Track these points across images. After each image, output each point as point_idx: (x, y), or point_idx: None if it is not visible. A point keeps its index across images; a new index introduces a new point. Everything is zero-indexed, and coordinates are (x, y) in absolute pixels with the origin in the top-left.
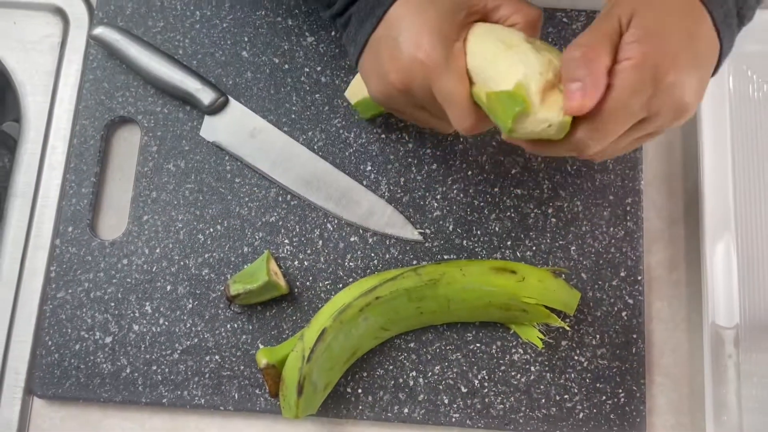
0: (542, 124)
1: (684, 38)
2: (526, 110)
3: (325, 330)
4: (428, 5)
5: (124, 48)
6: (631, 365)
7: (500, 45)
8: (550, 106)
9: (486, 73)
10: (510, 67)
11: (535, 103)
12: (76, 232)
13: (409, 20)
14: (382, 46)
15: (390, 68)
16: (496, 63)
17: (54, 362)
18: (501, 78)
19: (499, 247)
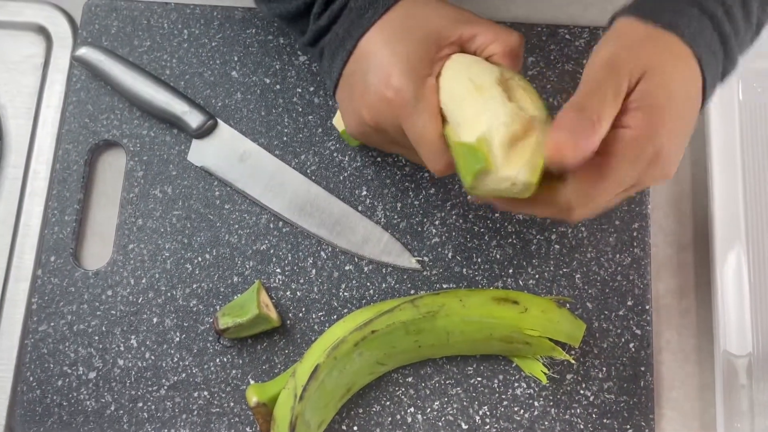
0: (504, 183)
1: (681, 107)
2: (487, 168)
3: (318, 366)
4: (398, 38)
5: (108, 69)
6: (640, 399)
7: (470, 85)
8: (513, 163)
9: (454, 115)
10: (475, 117)
11: (498, 161)
12: (58, 261)
13: (379, 55)
14: (353, 81)
15: (361, 105)
16: (462, 107)
17: (36, 399)
18: (466, 126)
19: (500, 276)
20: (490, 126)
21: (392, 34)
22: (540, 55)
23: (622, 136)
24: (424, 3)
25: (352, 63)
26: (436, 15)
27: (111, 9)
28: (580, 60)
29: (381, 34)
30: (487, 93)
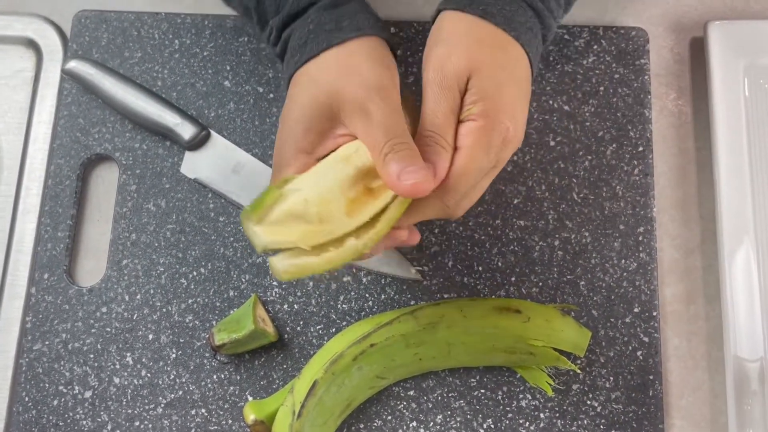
0: (252, 236)
1: (512, 89)
2: (250, 214)
3: (317, 382)
4: (303, 97)
5: (99, 82)
6: (648, 409)
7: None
8: (269, 231)
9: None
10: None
11: (265, 217)
12: (52, 279)
13: (287, 105)
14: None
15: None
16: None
17: (31, 419)
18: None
19: (502, 284)
20: (301, 189)
21: (300, 90)
22: None
23: (469, 129)
24: (344, 67)
25: (286, 99)
26: (342, 90)
27: (101, 20)
28: (579, 60)
29: (297, 84)
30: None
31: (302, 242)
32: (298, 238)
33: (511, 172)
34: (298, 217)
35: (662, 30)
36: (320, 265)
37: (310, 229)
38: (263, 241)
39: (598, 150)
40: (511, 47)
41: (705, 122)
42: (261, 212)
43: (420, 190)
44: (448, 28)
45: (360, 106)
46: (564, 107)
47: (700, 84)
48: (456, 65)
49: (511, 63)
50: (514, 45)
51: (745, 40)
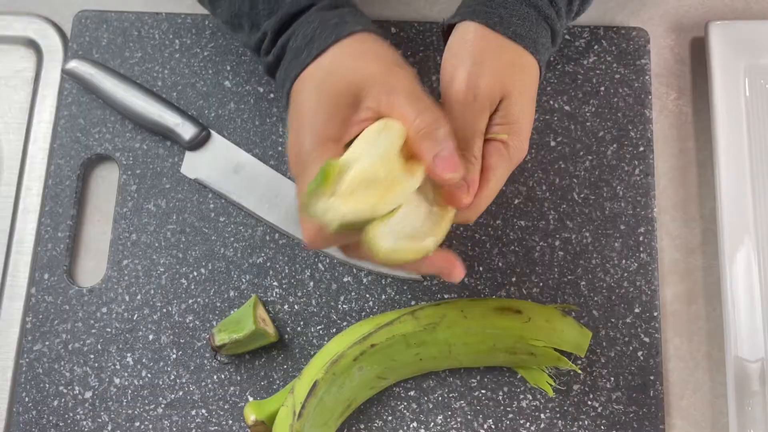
0: (330, 214)
1: (532, 108)
2: (322, 189)
3: (317, 383)
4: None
5: (99, 82)
6: (649, 409)
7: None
8: (352, 200)
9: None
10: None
11: (339, 189)
12: (52, 279)
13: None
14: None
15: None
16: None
17: (32, 420)
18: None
19: (503, 284)
20: (359, 158)
21: (315, 84)
22: None
23: (496, 150)
24: (358, 52)
25: (291, 103)
26: (361, 71)
27: (101, 20)
28: (580, 61)
29: (308, 80)
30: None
31: (378, 204)
32: (375, 200)
33: (512, 172)
34: (369, 181)
35: (663, 30)
36: (416, 253)
37: (383, 192)
38: (341, 213)
39: (598, 150)
40: (533, 70)
41: (706, 122)
42: (330, 185)
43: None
44: (478, 45)
45: (384, 81)
46: (565, 107)
47: (700, 84)
48: (490, 87)
49: (533, 85)
50: (536, 67)
51: (745, 40)
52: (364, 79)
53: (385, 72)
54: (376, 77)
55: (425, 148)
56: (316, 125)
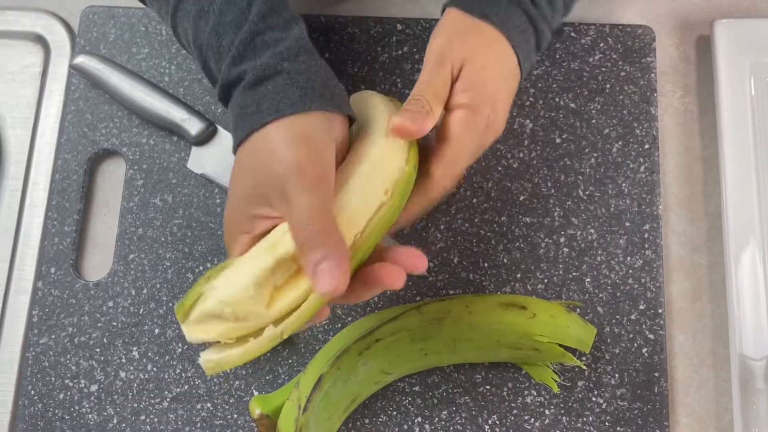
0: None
1: (498, 83)
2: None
3: (322, 377)
4: (241, 176)
5: (106, 77)
6: (654, 406)
7: (252, 272)
8: (193, 330)
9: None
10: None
11: (189, 315)
12: (59, 273)
13: (232, 181)
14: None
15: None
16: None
17: (37, 413)
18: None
19: (508, 281)
20: (215, 293)
21: (235, 174)
22: (545, 54)
23: (456, 118)
24: (264, 153)
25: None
26: (263, 174)
27: (109, 16)
28: (586, 58)
29: (235, 165)
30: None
31: (221, 338)
32: (217, 335)
33: (517, 168)
34: (215, 316)
35: (669, 28)
36: (240, 357)
37: (228, 327)
38: (189, 339)
39: (604, 147)
40: (502, 45)
41: (711, 120)
42: (184, 311)
43: (333, 294)
44: (451, 23)
45: (280, 190)
46: (570, 104)
47: (706, 82)
48: (452, 51)
49: (499, 59)
50: (506, 44)
51: (751, 38)
52: (266, 185)
53: (283, 181)
54: (275, 184)
55: (306, 259)
56: (234, 218)
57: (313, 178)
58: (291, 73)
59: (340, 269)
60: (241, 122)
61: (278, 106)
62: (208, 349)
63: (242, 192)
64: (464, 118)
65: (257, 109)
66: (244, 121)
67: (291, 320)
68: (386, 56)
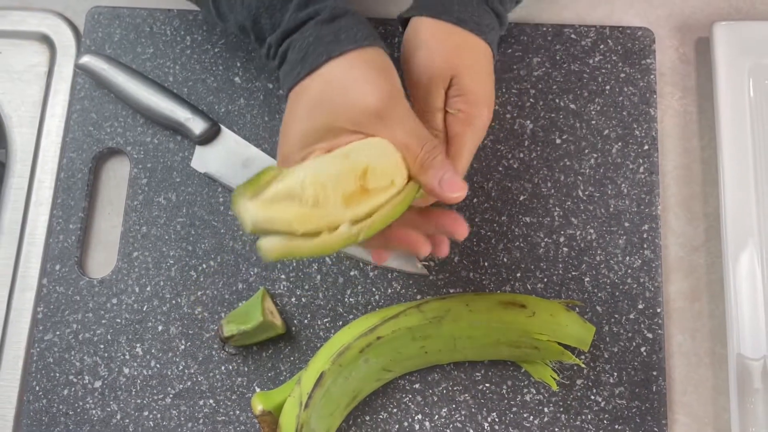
0: (241, 214)
1: (484, 81)
2: (242, 192)
3: (324, 374)
4: (307, 113)
5: (112, 77)
6: (652, 404)
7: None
8: (256, 208)
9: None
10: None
11: (258, 195)
12: (63, 270)
13: (287, 119)
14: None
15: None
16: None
17: (42, 408)
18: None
19: (507, 280)
20: (308, 172)
21: (304, 104)
22: (545, 56)
23: (457, 120)
24: (347, 79)
25: (286, 108)
26: (351, 105)
27: (114, 16)
28: (586, 60)
29: (299, 95)
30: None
31: (295, 222)
32: (291, 217)
33: (518, 169)
34: (293, 197)
35: (668, 30)
36: (310, 248)
37: (304, 212)
38: (254, 217)
39: (603, 148)
40: (480, 47)
41: (710, 121)
42: (256, 188)
43: (459, 198)
44: (426, 34)
45: (376, 114)
46: (570, 106)
47: (705, 84)
48: (440, 68)
49: (482, 60)
50: (483, 45)
51: (750, 40)
52: (350, 113)
53: (379, 106)
54: (370, 109)
55: (430, 177)
56: (297, 149)
57: (406, 105)
58: (356, 14)
59: (459, 177)
60: (316, 50)
61: (355, 37)
62: (270, 238)
63: (316, 116)
64: (462, 120)
65: (335, 38)
66: (321, 49)
67: (367, 223)
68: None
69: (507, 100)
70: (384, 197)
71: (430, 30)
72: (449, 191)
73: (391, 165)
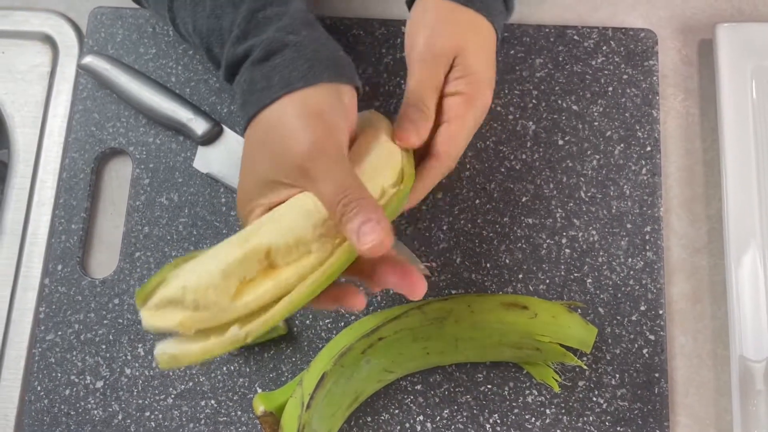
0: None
1: (489, 62)
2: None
3: (325, 374)
4: (251, 161)
5: (114, 77)
6: (654, 406)
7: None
8: (151, 316)
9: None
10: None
11: (149, 299)
12: (65, 270)
13: (244, 154)
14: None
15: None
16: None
17: (43, 408)
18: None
19: (510, 281)
20: (179, 278)
21: (248, 152)
22: (548, 57)
23: (456, 102)
24: (275, 130)
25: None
26: (277, 154)
27: (117, 17)
28: (588, 61)
29: (246, 142)
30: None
31: (181, 327)
32: (176, 324)
33: (520, 170)
34: (176, 303)
35: (671, 32)
36: (197, 354)
37: (188, 316)
38: (146, 326)
39: (606, 149)
40: (486, 29)
41: (713, 123)
42: (144, 296)
43: (380, 249)
44: (432, 13)
45: (300, 168)
46: (573, 107)
47: (708, 85)
48: (443, 47)
49: (486, 43)
50: (489, 27)
51: (753, 42)
52: (281, 165)
53: (302, 159)
54: (294, 163)
55: (348, 231)
56: (246, 196)
57: (333, 154)
58: (297, 45)
59: (382, 226)
60: (250, 98)
61: (288, 80)
62: (166, 341)
63: (257, 169)
64: (462, 103)
65: (267, 84)
66: (254, 97)
67: (257, 324)
68: (390, 58)
69: (509, 101)
70: (293, 272)
71: (436, 9)
72: (363, 242)
73: (306, 233)
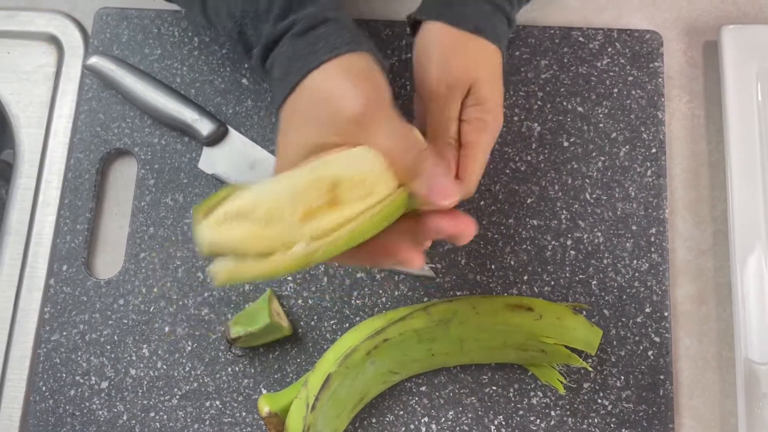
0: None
1: (500, 86)
2: (199, 213)
3: (330, 376)
4: (293, 131)
5: (119, 78)
6: (659, 408)
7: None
8: (210, 228)
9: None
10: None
11: (210, 215)
12: (70, 271)
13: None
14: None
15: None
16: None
17: (48, 409)
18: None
19: (515, 282)
20: (251, 192)
21: (291, 121)
22: (553, 58)
23: (474, 128)
24: (326, 90)
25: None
26: (332, 116)
27: (122, 17)
28: (594, 63)
29: (286, 115)
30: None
31: (245, 242)
32: (242, 237)
33: (525, 172)
34: (245, 215)
35: (676, 33)
36: (263, 269)
37: (255, 231)
38: (205, 238)
39: (611, 151)
40: (495, 56)
41: (718, 125)
42: (209, 207)
43: (451, 204)
44: (444, 43)
45: (356, 123)
46: (578, 108)
47: (713, 87)
48: (459, 78)
49: (497, 68)
50: (497, 52)
51: (758, 44)
52: (336, 124)
53: (355, 111)
54: (347, 118)
55: (418, 184)
56: (291, 157)
57: (387, 108)
58: (338, 20)
59: (451, 180)
60: (293, 66)
61: (334, 45)
62: (220, 261)
63: (300, 136)
64: (477, 130)
65: (312, 49)
66: (299, 63)
67: (325, 242)
68: (396, 59)
69: (514, 102)
70: (357, 208)
71: (446, 38)
72: (440, 198)
73: (370, 173)
